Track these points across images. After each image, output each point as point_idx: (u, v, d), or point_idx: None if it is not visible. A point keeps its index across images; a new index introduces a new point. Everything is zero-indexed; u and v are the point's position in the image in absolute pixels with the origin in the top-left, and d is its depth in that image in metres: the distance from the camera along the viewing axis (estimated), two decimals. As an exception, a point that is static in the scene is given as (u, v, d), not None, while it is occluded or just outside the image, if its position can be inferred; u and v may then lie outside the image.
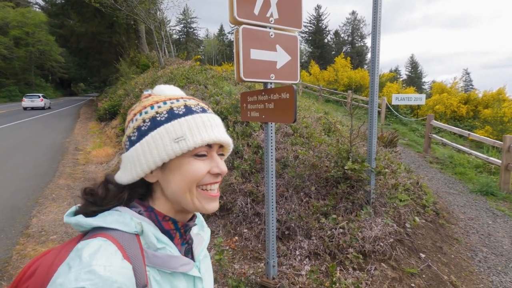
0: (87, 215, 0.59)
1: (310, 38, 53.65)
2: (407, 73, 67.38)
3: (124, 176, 0.61)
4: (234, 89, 7.09)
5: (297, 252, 2.87)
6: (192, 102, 0.64)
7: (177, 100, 0.63)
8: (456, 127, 9.64)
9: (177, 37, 53.06)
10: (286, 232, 3.13)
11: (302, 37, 51.75)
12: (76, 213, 0.61)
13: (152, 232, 0.59)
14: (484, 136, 8.66)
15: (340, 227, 2.94)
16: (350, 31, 56.65)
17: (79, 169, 6.27)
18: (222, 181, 4.06)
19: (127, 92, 12.80)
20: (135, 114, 0.63)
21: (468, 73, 63.95)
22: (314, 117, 6.39)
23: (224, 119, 5.50)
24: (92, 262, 0.48)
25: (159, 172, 0.61)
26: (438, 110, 13.57)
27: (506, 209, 4.60)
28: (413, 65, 67.56)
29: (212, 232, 3.48)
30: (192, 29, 57.57)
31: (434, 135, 8.03)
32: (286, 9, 2.26)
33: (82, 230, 0.59)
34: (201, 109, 0.64)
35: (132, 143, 0.61)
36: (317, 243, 2.89)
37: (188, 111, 0.62)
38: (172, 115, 0.60)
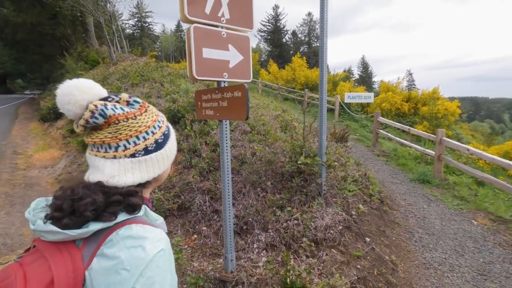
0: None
1: (269, 37, 54.41)
2: (359, 73, 71.74)
3: (138, 176, 0.75)
4: (192, 87, 6.99)
5: (255, 245, 2.98)
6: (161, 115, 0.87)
7: (159, 114, 0.84)
8: (399, 123, 10.60)
9: (131, 31, 50.07)
10: (244, 227, 3.21)
11: (261, 35, 52.30)
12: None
13: (149, 212, 0.78)
14: (422, 130, 9.66)
15: (294, 219, 3.11)
16: (307, 31, 58.59)
17: (18, 174, 5.69)
18: (179, 181, 3.99)
19: (75, 89, 11.79)
20: (148, 127, 0.78)
21: (411, 74, 70.46)
22: (272, 115, 6.58)
23: (181, 117, 5.41)
24: (154, 233, 0.66)
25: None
26: (385, 107, 14.75)
27: (438, 194, 5.23)
28: (364, 66, 72.18)
29: (170, 232, 3.43)
30: (147, 24, 54.78)
31: (381, 130, 8.75)
32: (237, 10, 2.32)
33: (75, 236, 0.63)
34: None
35: (150, 151, 0.77)
36: (274, 235, 3.03)
37: (169, 129, 0.87)
38: (169, 131, 0.85)
